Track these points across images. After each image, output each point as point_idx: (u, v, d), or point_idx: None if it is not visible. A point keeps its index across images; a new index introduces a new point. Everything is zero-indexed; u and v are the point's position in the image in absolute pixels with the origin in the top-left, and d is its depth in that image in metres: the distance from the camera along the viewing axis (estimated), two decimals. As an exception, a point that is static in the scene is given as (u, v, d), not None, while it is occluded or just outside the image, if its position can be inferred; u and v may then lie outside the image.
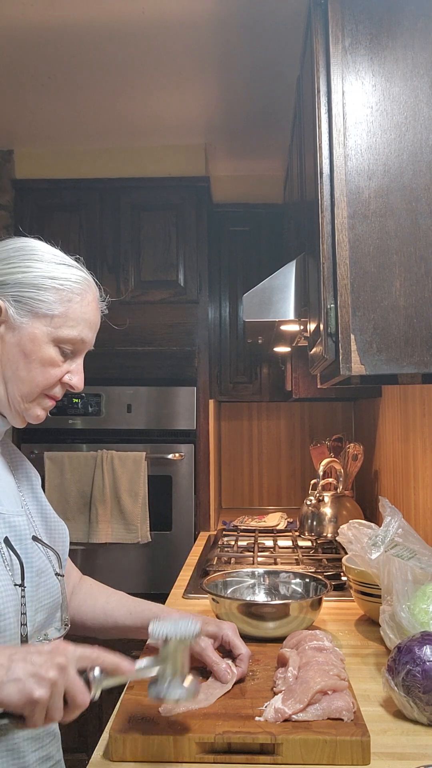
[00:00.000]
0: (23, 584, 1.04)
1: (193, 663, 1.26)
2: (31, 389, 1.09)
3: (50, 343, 1.08)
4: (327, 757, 1.00)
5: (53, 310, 1.08)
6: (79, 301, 1.10)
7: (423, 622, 1.29)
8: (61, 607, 1.16)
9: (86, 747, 2.66)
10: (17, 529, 1.08)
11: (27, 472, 1.22)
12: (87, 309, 1.12)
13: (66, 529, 1.24)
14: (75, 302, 1.10)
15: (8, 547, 1.05)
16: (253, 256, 3.28)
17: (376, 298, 1.36)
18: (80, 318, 1.10)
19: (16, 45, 2.25)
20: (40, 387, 1.09)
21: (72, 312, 1.09)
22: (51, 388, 1.10)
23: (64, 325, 1.09)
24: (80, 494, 2.85)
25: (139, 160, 3.06)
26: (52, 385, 1.10)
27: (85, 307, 1.11)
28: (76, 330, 1.10)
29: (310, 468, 3.39)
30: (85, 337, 1.12)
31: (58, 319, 1.08)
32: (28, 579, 1.05)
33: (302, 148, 1.96)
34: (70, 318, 1.09)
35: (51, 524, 1.21)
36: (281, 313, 1.84)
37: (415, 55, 1.39)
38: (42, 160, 3.08)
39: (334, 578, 1.93)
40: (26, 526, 1.10)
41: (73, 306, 1.10)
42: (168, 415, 2.95)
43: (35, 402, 1.10)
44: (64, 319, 1.09)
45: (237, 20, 2.12)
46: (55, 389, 1.11)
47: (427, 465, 1.92)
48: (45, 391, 1.10)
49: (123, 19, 2.10)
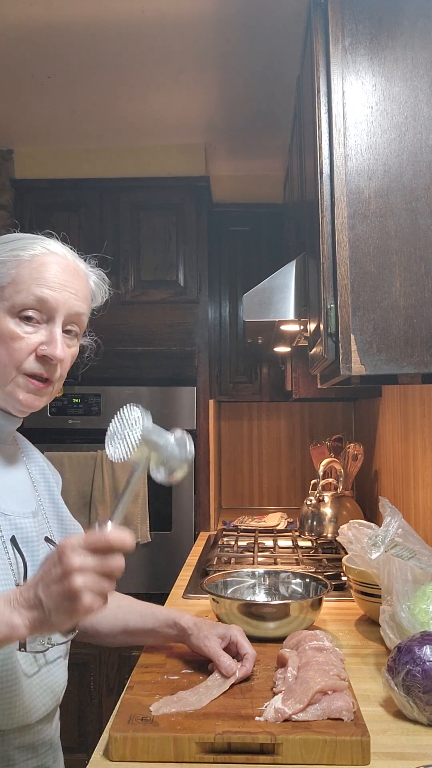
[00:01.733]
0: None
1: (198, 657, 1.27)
2: (2, 371, 1.02)
3: (6, 316, 1.02)
4: (327, 757, 1.00)
5: (2, 282, 1.02)
6: (28, 263, 1.03)
7: (423, 622, 1.29)
8: None
9: (86, 747, 2.66)
10: (24, 530, 1.06)
11: (44, 473, 1.21)
12: (41, 269, 1.03)
13: (82, 531, 1.21)
14: (23, 266, 1.03)
15: (14, 547, 1.04)
16: (253, 256, 3.28)
17: (376, 298, 1.36)
18: (30, 278, 1.02)
19: (16, 45, 2.25)
20: (9, 366, 1.02)
21: (19, 276, 1.02)
22: (21, 363, 1.03)
23: (15, 292, 1.02)
24: (80, 494, 2.85)
25: (139, 160, 3.06)
26: (22, 360, 1.03)
27: (37, 268, 1.03)
28: (28, 293, 1.02)
29: (310, 468, 3.39)
30: (43, 296, 1.03)
31: (8, 289, 1.02)
32: None
33: (302, 148, 1.96)
34: (19, 282, 1.02)
35: (66, 526, 1.20)
36: (281, 313, 1.84)
37: (415, 55, 1.39)
38: (42, 160, 3.08)
39: (334, 578, 1.93)
40: (36, 528, 1.08)
41: (22, 270, 1.03)
42: (168, 415, 2.95)
43: (13, 384, 1.03)
44: (14, 285, 1.02)
45: (237, 20, 2.12)
46: (29, 365, 1.03)
47: (427, 465, 1.92)
48: (20, 370, 1.03)
49: (123, 18, 2.09)
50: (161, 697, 1.14)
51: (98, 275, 1.15)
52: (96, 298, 1.15)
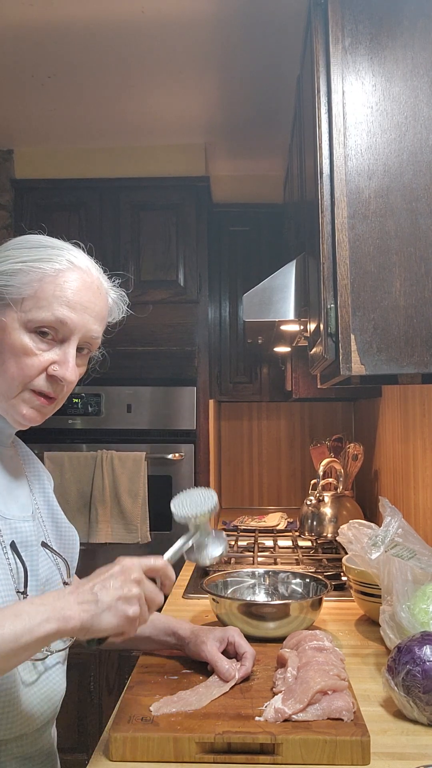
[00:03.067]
0: (26, 592, 1.01)
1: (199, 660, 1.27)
2: (9, 384, 0.99)
3: (21, 329, 0.98)
4: (327, 757, 1.00)
5: (22, 293, 0.98)
6: (52, 279, 0.99)
7: (423, 622, 1.29)
8: None
9: (86, 747, 2.66)
10: (23, 534, 1.05)
11: (40, 476, 1.19)
12: (64, 287, 0.99)
13: (76, 535, 1.21)
14: (47, 281, 0.98)
15: (14, 552, 1.02)
16: (253, 256, 3.28)
17: (376, 298, 1.36)
18: (52, 296, 0.98)
19: (16, 45, 2.25)
20: (17, 380, 0.99)
21: (43, 291, 0.98)
22: (30, 379, 0.99)
23: (35, 307, 0.98)
24: (80, 494, 2.85)
25: (139, 160, 3.06)
26: (32, 377, 0.99)
27: (61, 285, 0.99)
28: (48, 311, 0.98)
29: (310, 468, 3.39)
30: (62, 317, 0.99)
31: (28, 302, 0.98)
32: (32, 587, 1.03)
33: (302, 148, 1.96)
34: (41, 298, 0.98)
35: (62, 530, 1.18)
36: (281, 313, 1.84)
37: (415, 55, 1.39)
38: (42, 160, 3.08)
39: (334, 578, 1.93)
40: (34, 532, 1.07)
41: (45, 285, 0.98)
42: (168, 415, 2.95)
43: (18, 399, 1.00)
44: (35, 300, 0.98)
45: (237, 20, 2.12)
46: (38, 382, 1.00)
47: (427, 465, 1.92)
48: (27, 386, 1.00)
49: (123, 18, 2.09)
50: (161, 697, 1.14)
51: (119, 294, 1.13)
52: (112, 314, 1.14)
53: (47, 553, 1.10)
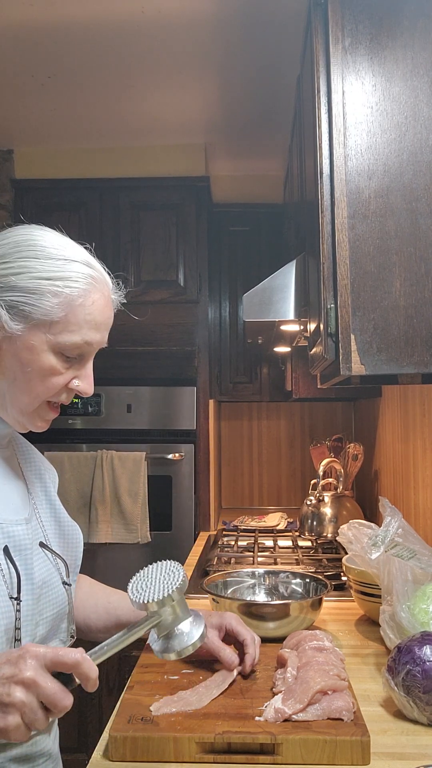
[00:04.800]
0: (19, 597, 0.99)
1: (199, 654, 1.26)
2: (31, 400, 1.01)
3: (49, 352, 0.98)
4: (327, 757, 1.00)
5: (51, 315, 0.97)
6: (81, 302, 0.99)
7: (423, 622, 1.29)
8: (67, 618, 1.12)
9: (86, 747, 2.66)
10: (17, 538, 1.03)
11: (41, 474, 1.18)
12: (92, 309, 1.00)
13: (79, 532, 1.20)
14: (76, 305, 0.99)
15: (7, 557, 1.00)
16: (253, 256, 3.28)
17: (376, 298, 1.36)
18: (83, 321, 0.99)
19: (16, 45, 2.25)
20: (41, 397, 1.01)
21: (73, 316, 0.98)
22: (54, 396, 1.02)
23: (65, 331, 0.98)
24: (80, 494, 2.85)
25: (139, 160, 3.06)
26: (56, 394, 1.02)
27: (89, 308, 1.00)
28: (78, 335, 0.99)
29: (310, 468, 3.39)
30: (90, 339, 1.01)
31: (57, 325, 0.98)
32: (27, 591, 1.01)
33: (302, 148, 1.96)
34: (71, 323, 0.98)
35: (65, 528, 1.17)
36: (281, 313, 1.84)
37: (415, 55, 1.39)
38: (42, 160, 3.08)
39: (334, 578, 1.93)
40: (29, 534, 1.05)
41: (75, 309, 0.98)
42: (168, 415, 2.95)
43: (35, 413, 1.02)
44: (65, 324, 0.98)
45: (237, 20, 2.12)
46: (60, 396, 1.03)
47: (427, 465, 1.92)
48: (48, 399, 1.02)
49: (123, 18, 2.09)
50: (161, 697, 1.14)
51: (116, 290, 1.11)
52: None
53: (46, 554, 1.09)
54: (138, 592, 0.93)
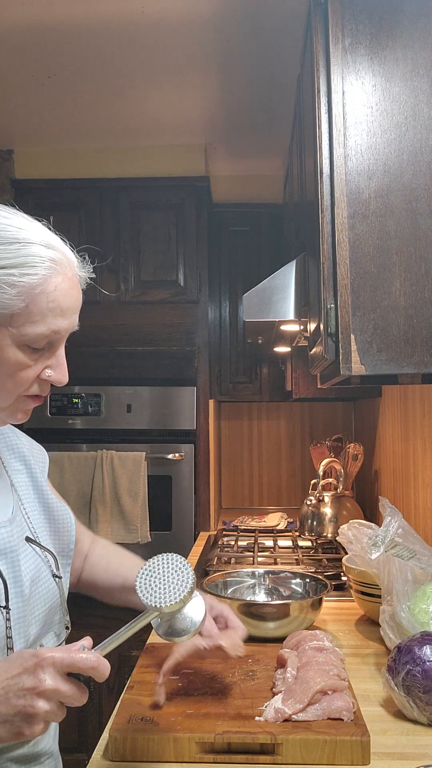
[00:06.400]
0: (8, 606, 0.97)
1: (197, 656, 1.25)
2: (5, 398, 0.95)
3: (13, 346, 0.91)
4: (327, 757, 1.00)
5: (11, 307, 0.90)
6: (42, 290, 0.91)
7: (423, 622, 1.29)
8: (60, 610, 1.11)
9: (86, 747, 2.66)
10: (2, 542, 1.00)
11: (26, 459, 1.14)
12: (55, 296, 0.93)
13: (70, 514, 1.16)
14: (37, 293, 0.91)
15: None
16: (253, 256, 3.28)
17: (376, 298, 1.36)
18: (47, 309, 0.92)
19: (16, 45, 2.25)
20: (14, 393, 0.95)
21: (35, 305, 0.91)
22: (26, 390, 0.96)
23: (27, 322, 0.91)
24: (80, 494, 2.85)
25: (139, 160, 3.06)
26: (27, 387, 0.96)
27: (51, 294, 0.92)
28: (43, 325, 0.92)
29: (310, 468, 3.39)
30: (57, 327, 0.94)
31: (18, 317, 0.90)
32: (16, 595, 0.99)
33: (302, 148, 1.96)
34: (33, 313, 0.91)
35: (54, 513, 1.14)
36: (281, 313, 1.84)
37: (415, 55, 1.39)
38: (42, 160, 3.08)
39: (334, 578, 1.93)
40: (14, 534, 1.02)
41: (36, 298, 0.91)
42: (168, 415, 2.95)
43: (14, 407, 0.97)
44: (27, 315, 0.91)
45: (237, 20, 2.12)
46: (33, 389, 0.97)
47: (427, 465, 1.92)
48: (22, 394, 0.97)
49: (123, 18, 2.09)
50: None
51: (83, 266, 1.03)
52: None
53: (34, 548, 1.06)
54: (148, 591, 0.91)
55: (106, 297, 2.91)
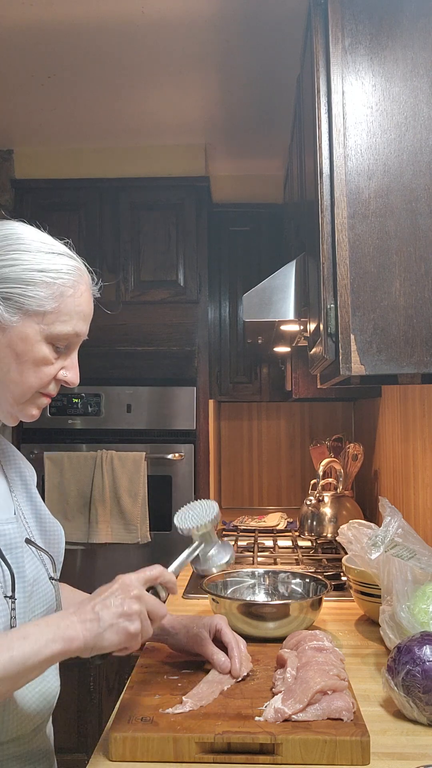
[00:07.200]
0: (14, 596, 0.99)
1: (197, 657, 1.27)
2: (24, 391, 1.03)
3: (43, 342, 1.02)
4: (327, 757, 1.00)
5: (45, 306, 1.01)
6: (72, 293, 1.03)
7: (423, 622, 1.29)
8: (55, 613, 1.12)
9: (86, 747, 2.66)
10: (7, 537, 1.03)
11: (21, 470, 1.18)
12: (80, 300, 1.04)
13: (61, 530, 1.20)
14: (67, 295, 1.03)
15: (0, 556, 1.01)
16: (253, 256, 3.28)
17: (376, 298, 1.36)
18: (73, 311, 1.03)
19: (16, 45, 2.25)
20: (34, 388, 1.03)
21: (65, 306, 1.02)
22: (45, 387, 1.05)
23: (57, 321, 1.02)
24: (80, 494, 2.85)
25: (139, 160, 3.06)
26: (47, 384, 1.05)
27: (78, 299, 1.04)
28: (69, 325, 1.03)
29: (310, 468, 3.39)
30: (79, 330, 1.05)
31: (50, 316, 1.01)
32: (20, 589, 1.01)
33: (302, 148, 1.96)
34: (63, 313, 1.02)
35: (46, 525, 1.17)
36: (281, 313, 1.84)
37: (415, 55, 1.39)
38: (42, 160, 3.08)
39: (334, 578, 1.93)
40: (17, 532, 1.05)
41: (66, 300, 1.02)
42: (168, 415, 2.95)
43: (29, 402, 1.05)
44: (57, 314, 1.02)
45: (237, 20, 2.12)
46: (50, 387, 1.06)
47: (427, 465, 1.92)
48: (39, 390, 1.05)
49: (123, 18, 2.09)
50: (161, 696, 1.14)
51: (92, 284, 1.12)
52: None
53: (32, 550, 1.09)
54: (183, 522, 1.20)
55: (106, 297, 2.90)
